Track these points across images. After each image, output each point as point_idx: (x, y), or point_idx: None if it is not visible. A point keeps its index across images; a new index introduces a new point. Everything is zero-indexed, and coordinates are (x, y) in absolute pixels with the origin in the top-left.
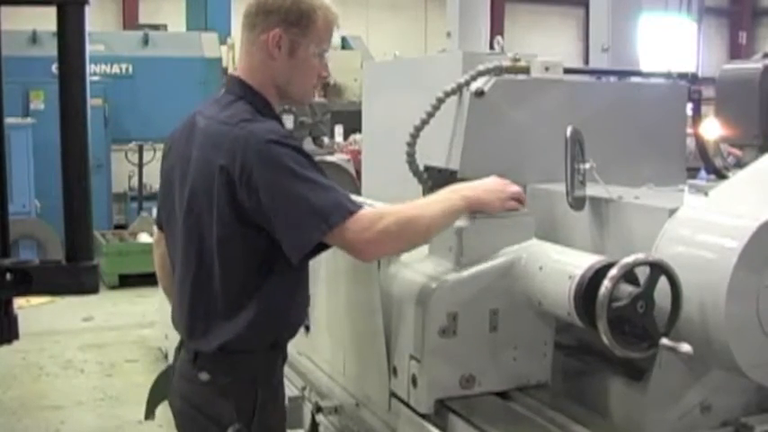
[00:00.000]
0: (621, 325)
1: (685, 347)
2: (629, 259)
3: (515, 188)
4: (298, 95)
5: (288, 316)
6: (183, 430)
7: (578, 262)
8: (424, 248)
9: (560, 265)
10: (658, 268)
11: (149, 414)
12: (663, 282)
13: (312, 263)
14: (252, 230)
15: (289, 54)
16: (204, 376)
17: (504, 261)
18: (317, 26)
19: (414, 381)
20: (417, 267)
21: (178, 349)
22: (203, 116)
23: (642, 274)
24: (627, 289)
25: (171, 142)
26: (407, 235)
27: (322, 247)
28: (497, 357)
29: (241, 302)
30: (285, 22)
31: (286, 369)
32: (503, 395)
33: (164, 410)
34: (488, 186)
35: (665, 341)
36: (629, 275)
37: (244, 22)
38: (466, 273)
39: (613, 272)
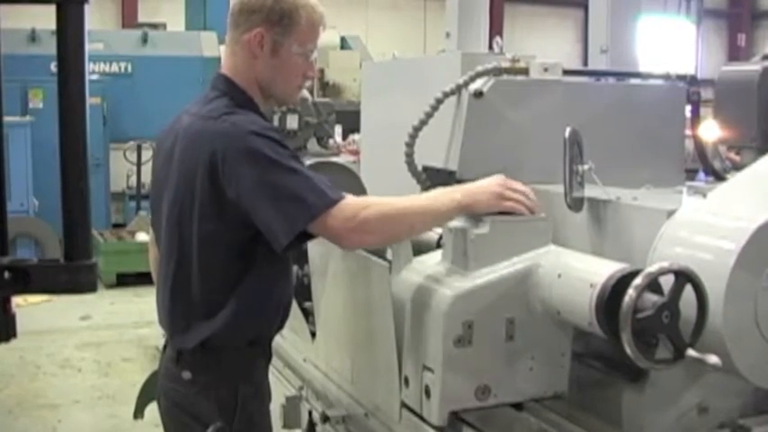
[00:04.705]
0: (645, 336)
1: (713, 359)
2: (654, 268)
3: (518, 188)
4: (281, 95)
5: (266, 312)
6: (169, 429)
7: (599, 269)
8: (437, 253)
9: (580, 272)
10: (684, 276)
11: (138, 413)
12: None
13: (316, 266)
14: (233, 226)
15: (271, 54)
16: (187, 375)
17: (522, 268)
18: (300, 25)
19: (427, 392)
20: (430, 273)
21: (164, 349)
22: (188, 114)
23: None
24: (651, 298)
25: (159, 142)
26: (390, 229)
27: (306, 237)
28: (514, 368)
29: (220, 299)
30: (267, 21)
31: (286, 371)
32: (518, 406)
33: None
34: (485, 187)
35: (691, 352)
36: (652, 284)
37: (228, 21)
38: (482, 280)
39: (638, 281)
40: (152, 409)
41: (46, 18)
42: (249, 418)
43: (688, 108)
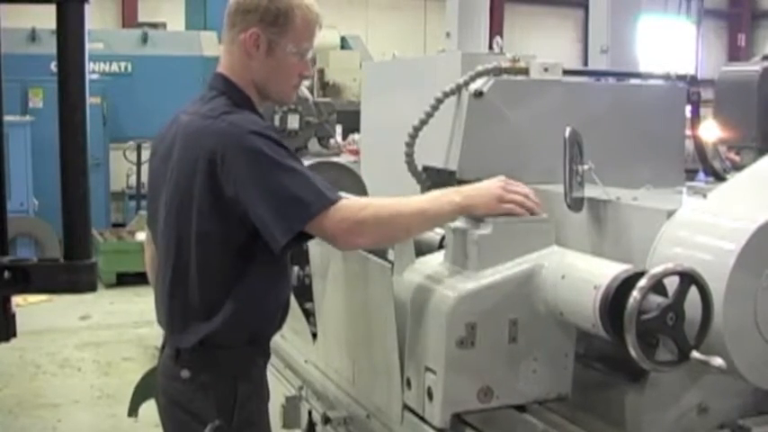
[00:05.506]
0: (649, 337)
1: (718, 361)
2: (659, 269)
3: (519, 190)
4: (277, 95)
5: (265, 311)
6: (167, 427)
7: (603, 271)
8: (440, 254)
9: (584, 273)
10: (689, 278)
11: (132, 412)
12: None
13: (318, 266)
14: (231, 224)
15: (266, 53)
16: (185, 373)
17: (525, 269)
18: (295, 25)
19: (429, 393)
20: (433, 274)
21: (162, 347)
22: (186, 113)
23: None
24: (656, 300)
25: (156, 143)
26: (385, 230)
27: (304, 237)
28: (516, 369)
29: (219, 298)
30: (263, 21)
31: (286, 372)
32: (520, 408)
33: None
34: (484, 189)
35: (696, 354)
36: (657, 286)
37: (225, 21)
38: (485, 281)
39: (642, 282)
40: (151, 408)
41: (46, 18)
42: (248, 417)
43: (688, 108)
